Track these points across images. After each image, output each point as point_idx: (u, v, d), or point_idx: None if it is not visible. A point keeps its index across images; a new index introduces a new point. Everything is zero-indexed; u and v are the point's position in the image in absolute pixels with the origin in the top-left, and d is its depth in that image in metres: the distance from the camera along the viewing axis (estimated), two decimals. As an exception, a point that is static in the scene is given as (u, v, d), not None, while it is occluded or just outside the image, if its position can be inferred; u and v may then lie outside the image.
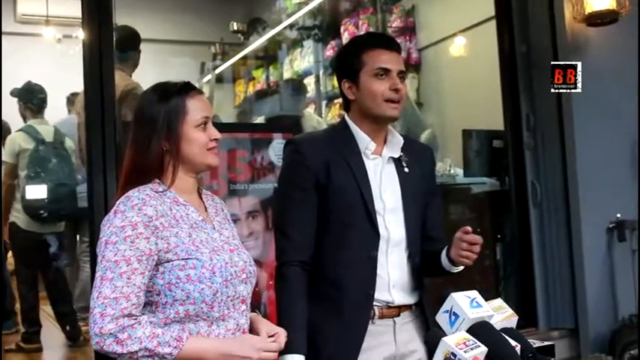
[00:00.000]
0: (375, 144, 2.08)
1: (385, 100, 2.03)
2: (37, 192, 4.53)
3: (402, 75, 2.07)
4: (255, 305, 3.30)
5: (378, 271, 2.02)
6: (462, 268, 2.05)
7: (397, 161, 2.11)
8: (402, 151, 2.11)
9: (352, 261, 2.01)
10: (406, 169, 2.10)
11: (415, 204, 2.10)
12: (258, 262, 3.39)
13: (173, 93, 1.74)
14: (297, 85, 5.65)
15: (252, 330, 1.77)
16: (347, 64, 2.10)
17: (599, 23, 3.87)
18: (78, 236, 5.10)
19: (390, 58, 2.06)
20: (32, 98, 4.79)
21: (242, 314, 1.74)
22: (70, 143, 4.73)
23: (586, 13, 3.82)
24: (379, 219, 2.03)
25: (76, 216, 4.78)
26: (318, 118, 5.40)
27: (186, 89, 1.76)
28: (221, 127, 2.37)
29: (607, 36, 3.93)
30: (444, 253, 2.04)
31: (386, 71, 2.04)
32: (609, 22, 3.86)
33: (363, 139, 2.07)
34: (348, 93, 2.09)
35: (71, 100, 5.32)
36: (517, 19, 4.15)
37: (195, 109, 1.74)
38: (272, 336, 1.74)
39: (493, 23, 4.34)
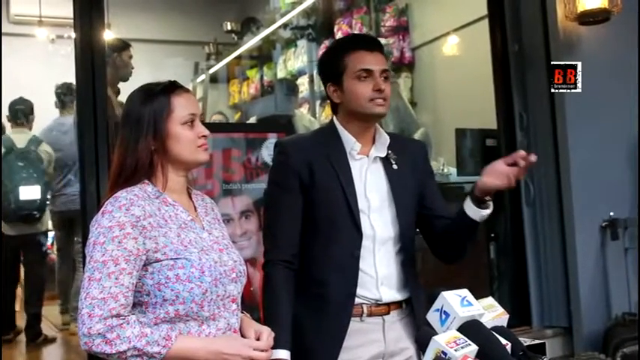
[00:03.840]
0: (361, 144, 2.09)
1: (369, 100, 2.04)
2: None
3: (385, 74, 2.07)
4: (249, 305, 3.31)
5: (366, 269, 2.03)
6: (489, 210, 1.99)
7: (385, 160, 2.11)
8: (389, 149, 2.11)
9: (336, 260, 2.03)
10: (395, 166, 2.10)
11: (407, 199, 2.11)
12: (251, 262, 3.39)
13: (158, 92, 1.74)
14: (289, 85, 5.65)
15: (240, 331, 1.76)
16: (329, 68, 2.12)
17: (591, 22, 3.87)
18: (57, 237, 5.22)
19: (372, 58, 2.06)
20: (17, 113, 4.94)
21: (233, 314, 1.74)
22: (45, 148, 4.85)
23: (578, 11, 3.82)
24: (363, 218, 2.04)
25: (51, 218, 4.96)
26: (310, 118, 5.40)
27: (171, 88, 1.76)
28: (213, 127, 2.38)
29: (599, 35, 3.93)
30: (467, 200, 1.99)
31: (368, 72, 2.04)
32: (601, 21, 3.86)
33: (349, 140, 2.09)
34: (333, 96, 2.11)
35: (61, 97, 5.27)
36: (509, 18, 4.15)
37: (180, 106, 1.74)
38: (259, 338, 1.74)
39: (486, 22, 4.35)
